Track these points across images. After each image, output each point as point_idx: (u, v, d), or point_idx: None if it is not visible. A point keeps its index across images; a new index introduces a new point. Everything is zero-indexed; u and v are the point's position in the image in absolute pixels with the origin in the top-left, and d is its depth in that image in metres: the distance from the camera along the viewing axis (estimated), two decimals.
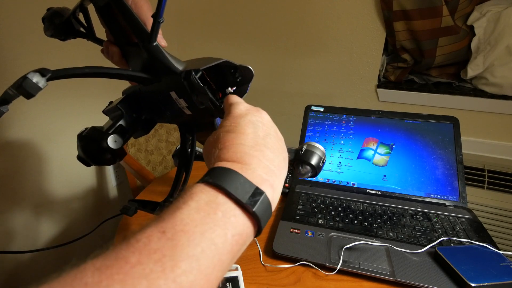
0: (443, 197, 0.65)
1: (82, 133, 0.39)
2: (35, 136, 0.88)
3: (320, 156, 0.40)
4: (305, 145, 0.42)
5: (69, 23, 0.43)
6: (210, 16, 1.31)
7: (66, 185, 1.01)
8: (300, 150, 0.42)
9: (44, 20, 0.43)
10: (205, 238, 0.18)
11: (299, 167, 0.41)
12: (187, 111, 0.39)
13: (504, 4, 0.96)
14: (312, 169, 0.40)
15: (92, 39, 0.45)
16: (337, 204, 0.65)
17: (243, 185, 0.22)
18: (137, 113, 0.42)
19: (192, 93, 0.36)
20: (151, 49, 0.36)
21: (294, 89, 1.30)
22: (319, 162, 0.40)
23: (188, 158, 0.49)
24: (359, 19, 1.09)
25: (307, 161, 0.39)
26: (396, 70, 1.15)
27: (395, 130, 0.72)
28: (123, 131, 0.40)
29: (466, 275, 0.44)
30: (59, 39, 0.44)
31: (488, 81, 1.01)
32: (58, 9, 0.43)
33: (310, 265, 0.50)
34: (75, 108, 0.98)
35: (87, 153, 0.39)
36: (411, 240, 0.54)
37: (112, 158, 0.39)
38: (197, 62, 0.37)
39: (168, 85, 0.38)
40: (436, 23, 0.96)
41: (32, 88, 0.26)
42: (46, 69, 0.27)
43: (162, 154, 1.20)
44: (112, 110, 0.41)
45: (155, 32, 0.35)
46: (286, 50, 1.25)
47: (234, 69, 0.37)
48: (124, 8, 0.36)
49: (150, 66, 0.38)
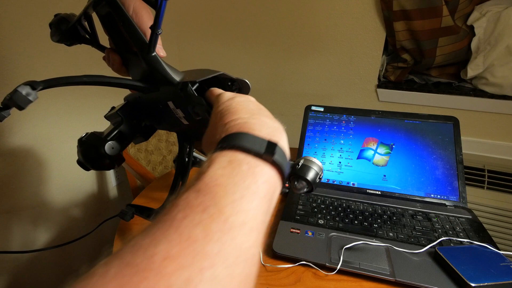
0: (443, 197, 0.65)
1: (82, 138, 0.40)
2: (35, 137, 0.88)
3: (317, 172, 0.39)
4: (302, 160, 0.41)
5: (75, 30, 0.44)
6: (210, 17, 1.31)
7: (66, 186, 1.01)
8: (297, 165, 0.41)
9: (51, 25, 0.44)
10: (240, 186, 0.19)
11: (295, 182, 0.40)
12: (184, 121, 0.40)
13: (504, 4, 0.96)
14: (308, 184, 0.39)
15: (95, 45, 0.46)
16: (337, 204, 0.65)
17: (256, 141, 0.23)
18: (137, 120, 0.42)
19: (189, 104, 0.36)
20: (149, 59, 0.36)
21: (294, 89, 1.30)
22: (316, 178, 0.39)
23: (185, 166, 0.49)
24: (359, 19, 1.09)
25: (303, 176, 0.39)
26: (396, 70, 1.15)
27: (395, 130, 0.72)
28: (122, 138, 0.40)
29: (466, 275, 0.44)
30: (65, 44, 0.45)
31: (488, 81, 1.01)
32: (65, 15, 0.44)
33: (310, 265, 0.50)
34: (75, 109, 0.98)
35: (86, 158, 0.39)
36: (411, 240, 0.54)
37: (110, 163, 0.40)
38: (195, 73, 0.38)
39: (166, 95, 0.38)
40: (436, 23, 0.96)
41: (22, 101, 0.27)
42: (36, 82, 0.28)
43: (162, 154, 1.20)
44: (113, 116, 0.42)
45: (153, 43, 0.35)
46: (286, 50, 1.25)
47: (231, 82, 0.37)
48: (124, 18, 0.36)
49: (149, 75, 0.38)
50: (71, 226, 1.05)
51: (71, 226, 1.04)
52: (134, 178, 1.09)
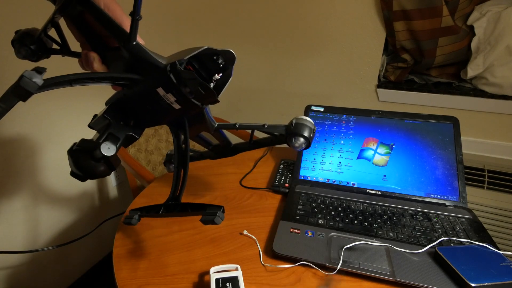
0: (443, 197, 0.65)
1: (72, 148, 0.38)
2: (35, 136, 0.88)
3: (310, 128, 0.43)
4: (294, 119, 0.44)
5: (41, 42, 0.43)
6: (210, 17, 1.31)
7: (66, 185, 1.01)
8: (290, 125, 0.43)
9: (13, 43, 0.42)
10: None
11: (292, 140, 0.43)
12: (176, 105, 0.40)
13: (504, 4, 0.96)
14: (305, 140, 0.41)
15: (67, 53, 0.45)
16: (337, 204, 0.65)
17: None
18: (124, 121, 0.41)
19: (180, 84, 0.36)
20: (133, 48, 0.36)
21: (294, 89, 1.30)
22: (311, 133, 0.42)
23: (184, 156, 0.48)
24: (359, 19, 1.09)
25: (299, 133, 0.41)
26: (396, 70, 1.15)
27: (395, 130, 0.72)
28: (114, 139, 0.39)
29: (466, 275, 0.44)
30: (30, 60, 0.43)
31: (488, 81, 1.01)
32: (26, 30, 0.43)
33: (310, 265, 0.50)
34: (75, 109, 0.98)
35: (80, 167, 0.37)
36: (411, 240, 0.54)
37: (107, 168, 0.38)
38: (179, 54, 0.38)
39: (154, 81, 0.38)
40: (436, 23, 0.96)
41: (30, 86, 0.26)
42: (41, 67, 0.27)
43: (162, 154, 1.20)
44: (98, 121, 0.41)
45: (134, 30, 0.35)
46: (286, 50, 1.25)
47: (216, 55, 0.37)
48: (99, 13, 0.36)
49: (133, 66, 0.38)
50: (71, 226, 1.05)
51: (71, 226, 1.04)
52: (134, 178, 1.09)
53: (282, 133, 0.45)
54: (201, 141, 0.58)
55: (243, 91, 1.37)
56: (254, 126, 0.48)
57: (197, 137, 0.56)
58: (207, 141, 0.59)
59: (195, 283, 0.47)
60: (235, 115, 1.44)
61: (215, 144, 0.60)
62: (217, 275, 0.45)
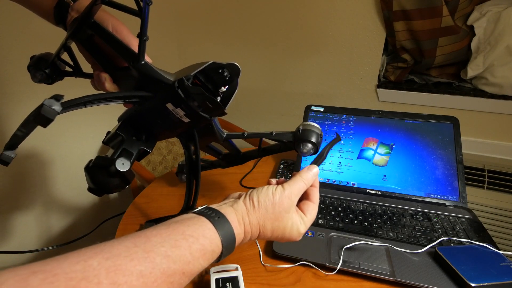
0: (443, 197, 0.65)
1: (88, 165, 0.40)
2: (36, 137, 0.88)
3: (318, 133, 0.43)
4: (301, 126, 0.45)
5: (55, 66, 0.45)
6: (210, 17, 1.31)
7: (66, 185, 1.01)
8: (298, 131, 0.44)
9: (29, 68, 0.45)
10: None
11: (300, 146, 0.43)
12: (186, 119, 0.41)
13: (504, 4, 0.96)
14: (313, 146, 0.42)
15: (80, 75, 0.47)
16: (337, 204, 0.65)
17: None
18: (137, 136, 0.43)
19: (188, 98, 0.37)
20: (142, 67, 0.38)
21: (294, 89, 1.30)
22: (318, 138, 0.43)
23: (196, 165, 0.50)
24: (359, 19, 1.09)
25: (307, 139, 0.41)
26: (396, 70, 1.15)
27: (395, 130, 0.72)
28: (128, 154, 0.41)
29: (466, 275, 0.44)
30: (46, 83, 0.46)
31: (488, 81, 1.01)
32: (41, 55, 0.45)
33: (310, 265, 0.50)
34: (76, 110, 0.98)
35: (97, 182, 0.40)
36: (411, 240, 0.54)
37: (122, 182, 0.40)
38: (186, 70, 0.39)
39: (164, 97, 0.39)
40: (436, 23, 0.96)
41: (50, 113, 0.28)
42: (59, 95, 0.29)
43: (162, 154, 1.20)
44: (112, 138, 0.43)
45: (142, 51, 0.37)
46: (286, 50, 1.25)
47: (222, 69, 0.39)
48: (108, 36, 0.38)
49: (142, 84, 0.39)
50: (71, 226, 1.05)
51: (71, 226, 1.04)
52: (134, 178, 1.09)
53: (290, 140, 0.46)
54: (211, 151, 0.59)
55: (243, 91, 1.37)
56: (262, 134, 0.50)
57: (207, 147, 0.57)
58: (216, 150, 0.60)
59: (195, 283, 0.47)
60: (235, 115, 1.44)
61: (225, 153, 0.61)
62: (217, 275, 0.45)
